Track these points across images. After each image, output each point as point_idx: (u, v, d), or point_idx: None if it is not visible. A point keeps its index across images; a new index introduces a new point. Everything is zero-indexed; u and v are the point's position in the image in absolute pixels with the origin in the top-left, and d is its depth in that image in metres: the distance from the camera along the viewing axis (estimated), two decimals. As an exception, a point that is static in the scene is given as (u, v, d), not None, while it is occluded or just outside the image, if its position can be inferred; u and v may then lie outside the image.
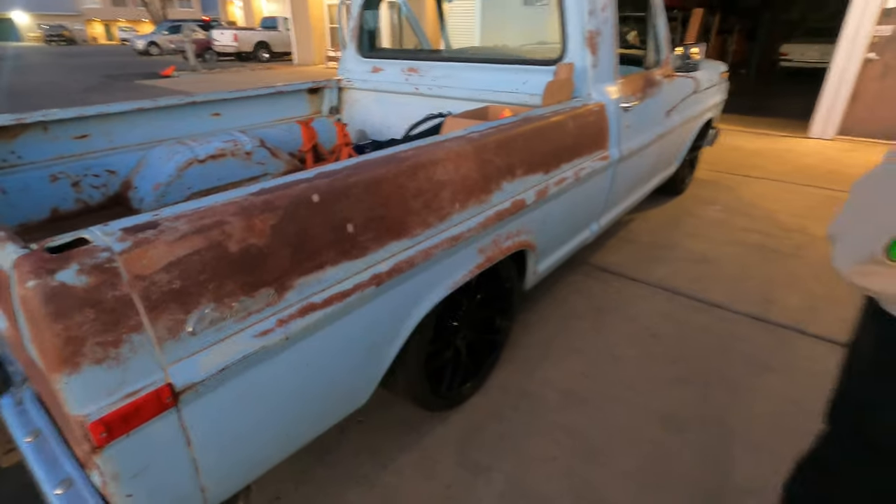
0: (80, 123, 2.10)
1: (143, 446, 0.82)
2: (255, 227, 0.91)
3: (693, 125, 3.24)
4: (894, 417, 0.80)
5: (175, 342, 0.81)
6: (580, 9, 1.99)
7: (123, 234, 0.78)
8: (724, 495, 1.42)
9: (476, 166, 1.40)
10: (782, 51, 11.06)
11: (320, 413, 1.19)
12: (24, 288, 0.68)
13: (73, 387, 0.72)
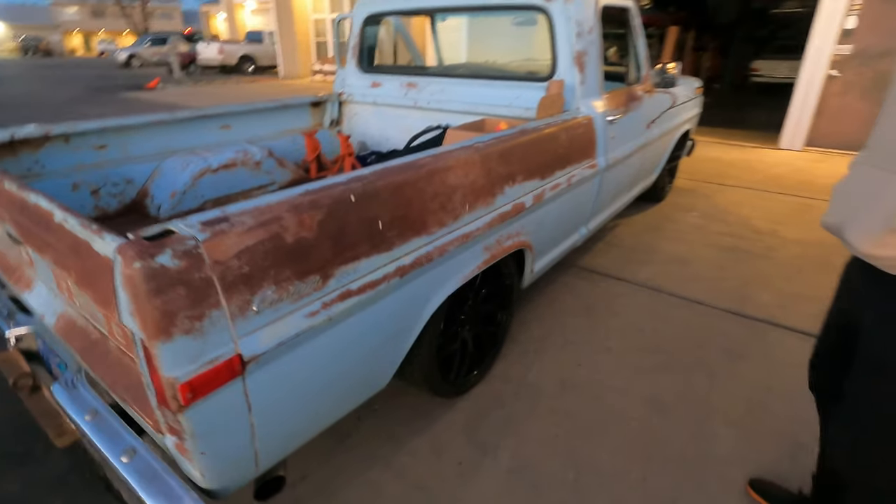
0: (100, 135, 2.22)
1: (216, 409, 0.95)
2: (304, 223, 1.06)
3: (671, 137, 3.48)
4: None
5: (243, 319, 0.95)
6: (569, 32, 2.20)
7: (202, 226, 0.92)
8: (706, 465, 1.59)
9: (483, 172, 1.57)
10: (754, 67, 11.60)
11: (352, 390, 1.33)
12: (130, 269, 0.82)
13: (167, 352, 0.85)
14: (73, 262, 0.99)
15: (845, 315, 1.13)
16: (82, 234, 0.93)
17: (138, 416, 1.10)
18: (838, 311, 1.18)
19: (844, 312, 1.14)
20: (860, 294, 1.06)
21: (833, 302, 1.20)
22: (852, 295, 1.10)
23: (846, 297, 1.14)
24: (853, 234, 0.95)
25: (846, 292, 1.14)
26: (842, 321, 1.14)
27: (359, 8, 2.96)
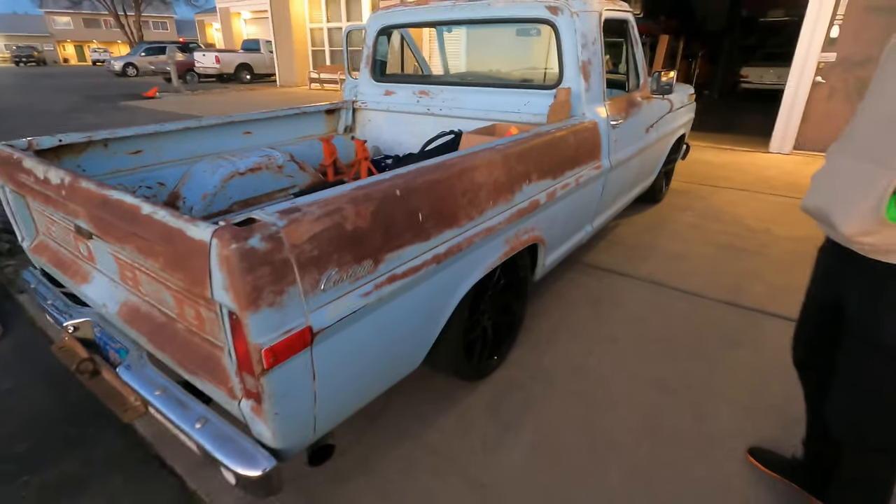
0: (135, 141, 2.35)
1: (290, 374, 1.09)
2: (361, 213, 1.20)
3: (668, 140, 3.66)
4: None
5: (313, 295, 1.10)
6: (575, 43, 2.37)
7: (280, 215, 1.06)
8: (710, 437, 1.75)
9: (504, 172, 1.73)
10: (742, 73, 11.91)
11: (393, 366, 1.47)
12: (227, 250, 0.96)
13: (255, 322, 0.99)
14: (161, 248, 1.12)
15: (825, 296, 1.26)
16: (175, 223, 1.07)
17: (210, 387, 1.24)
18: (817, 294, 1.31)
19: (824, 294, 1.27)
20: (841, 276, 1.18)
21: (810, 285, 1.34)
22: (831, 277, 1.23)
23: (825, 280, 1.27)
24: (840, 218, 1.05)
25: (824, 275, 1.28)
26: (823, 302, 1.28)
27: (372, 21, 3.12)
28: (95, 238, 1.49)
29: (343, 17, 14.38)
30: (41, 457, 1.69)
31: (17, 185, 1.72)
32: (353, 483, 1.57)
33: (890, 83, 1.04)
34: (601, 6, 2.51)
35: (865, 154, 1.04)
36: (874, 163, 1.01)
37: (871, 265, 1.07)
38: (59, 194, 1.49)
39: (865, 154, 1.04)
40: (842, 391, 1.19)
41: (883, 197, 0.97)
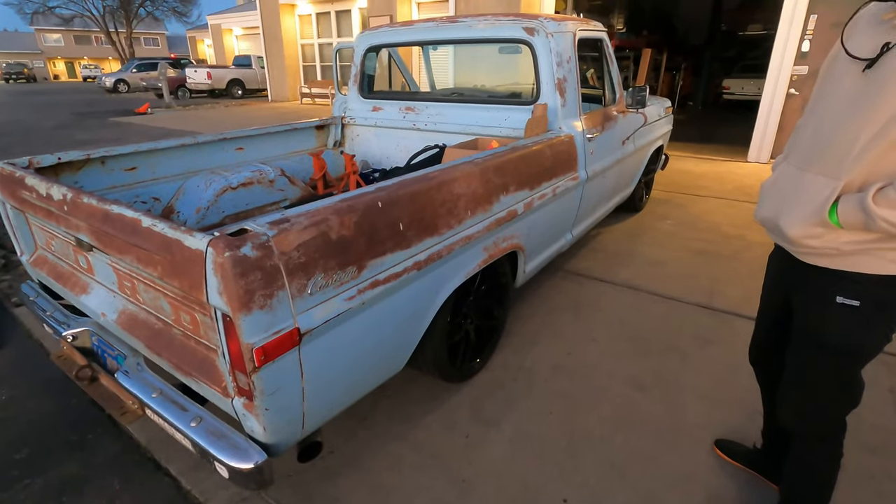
0: (130, 158, 2.45)
1: (279, 372, 1.19)
2: (345, 223, 1.31)
3: (645, 152, 3.81)
4: None
5: (301, 299, 1.19)
6: (550, 62, 2.51)
7: (270, 225, 1.17)
8: (680, 430, 1.85)
9: (482, 184, 1.84)
10: (724, 85, 12.23)
11: (377, 367, 1.57)
12: (222, 257, 1.06)
13: (247, 323, 1.09)
14: (160, 258, 1.22)
15: (776, 299, 1.37)
16: (173, 234, 1.17)
17: (205, 387, 1.33)
18: (769, 297, 1.42)
19: (775, 297, 1.37)
20: (789, 281, 1.27)
21: (763, 290, 1.45)
22: (781, 282, 1.33)
23: (775, 285, 1.38)
24: (787, 224, 1.12)
25: (774, 280, 1.39)
26: (774, 305, 1.39)
27: (360, 40, 3.26)
28: (95, 250, 1.58)
29: (333, 34, 14.61)
30: (42, 462, 1.75)
31: (19, 201, 1.81)
32: (343, 479, 1.66)
33: (828, 98, 1.10)
34: (575, 27, 2.66)
35: (809, 165, 1.10)
36: (818, 173, 1.08)
37: (815, 270, 1.14)
38: (61, 210, 1.58)
39: (809, 165, 1.10)
40: (790, 385, 1.27)
41: (826, 204, 1.04)
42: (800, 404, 1.26)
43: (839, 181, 1.03)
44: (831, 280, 1.11)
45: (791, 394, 1.28)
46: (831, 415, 1.24)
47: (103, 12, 30.45)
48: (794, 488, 1.34)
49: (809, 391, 1.23)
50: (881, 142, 0.97)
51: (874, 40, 0.99)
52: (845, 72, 1.05)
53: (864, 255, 1.05)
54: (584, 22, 2.82)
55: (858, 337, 1.12)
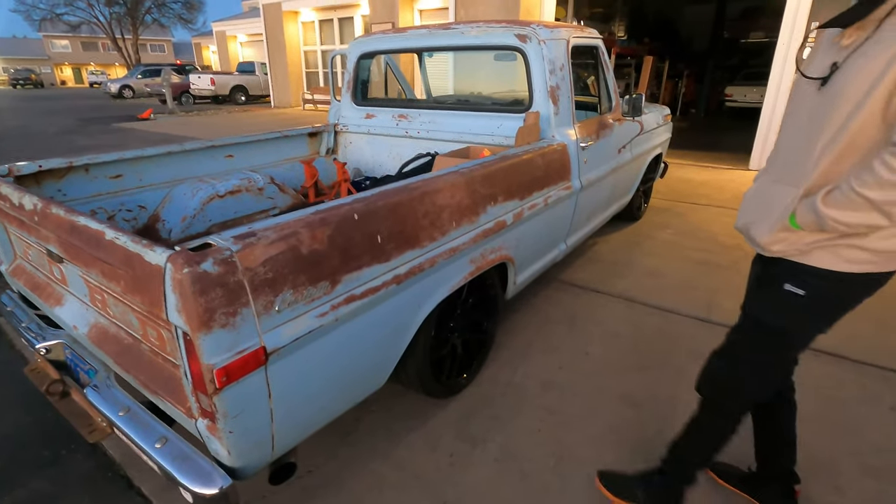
0: (116, 165, 2.41)
1: (244, 394, 1.13)
2: (316, 237, 1.26)
3: (643, 160, 3.75)
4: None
5: (268, 316, 1.14)
6: (542, 69, 2.46)
7: (235, 239, 1.11)
8: (673, 451, 1.78)
9: (467, 194, 1.79)
10: (727, 92, 12.18)
11: (354, 385, 1.51)
12: (180, 274, 1.01)
13: (207, 343, 1.04)
14: (123, 272, 1.17)
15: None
16: (135, 248, 1.12)
17: (170, 407, 1.27)
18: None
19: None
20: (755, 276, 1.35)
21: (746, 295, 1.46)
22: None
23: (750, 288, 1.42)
24: (757, 232, 1.22)
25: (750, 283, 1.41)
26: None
27: (353, 46, 3.23)
28: (67, 262, 1.54)
29: (336, 41, 14.67)
30: (12, 478, 1.70)
31: (-5, 210, 1.76)
32: (319, 501, 1.59)
33: (794, 115, 1.19)
34: (568, 34, 2.62)
35: (780, 177, 1.19)
36: (785, 184, 1.16)
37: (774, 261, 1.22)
38: (32, 220, 1.54)
39: (780, 177, 1.19)
40: (714, 355, 1.39)
41: (787, 210, 1.14)
42: (718, 376, 1.36)
43: (799, 189, 1.13)
44: (786, 271, 1.20)
45: (713, 361, 1.38)
46: (744, 392, 1.33)
47: (110, 19, 30.76)
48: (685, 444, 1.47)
49: (732, 366, 1.33)
50: (832, 151, 1.07)
51: (826, 61, 1.11)
52: (806, 91, 1.15)
53: (821, 251, 1.13)
54: (579, 29, 2.77)
55: (792, 322, 1.21)
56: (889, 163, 0.95)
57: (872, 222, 1.02)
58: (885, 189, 0.96)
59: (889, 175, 0.95)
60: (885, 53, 0.98)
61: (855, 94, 1.02)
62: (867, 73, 1.00)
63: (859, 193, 0.99)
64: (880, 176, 0.96)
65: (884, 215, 1.00)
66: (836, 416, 1.94)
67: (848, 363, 2.28)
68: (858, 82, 1.01)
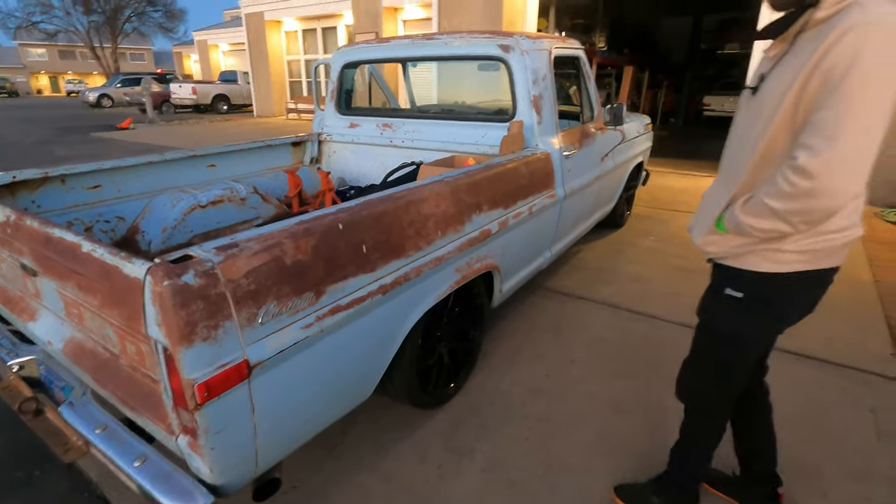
0: (94, 176, 2.36)
1: (226, 409, 1.10)
2: (301, 247, 1.24)
3: (625, 168, 3.81)
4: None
5: (251, 329, 1.12)
6: (526, 79, 2.49)
7: (217, 251, 1.09)
8: (661, 456, 1.78)
9: (453, 203, 1.79)
10: (704, 102, 12.46)
11: (340, 397, 1.48)
12: (160, 286, 0.98)
13: (188, 357, 1.01)
14: (100, 285, 1.14)
15: None
16: (112, 260, 1.09)
17: (150, 424, 1.23)
18: None
19: None
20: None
21: None
22: None
23: None
24: (693, 235, 1.31)
25: None
26: None
27: (337, 56, 3.22)
28: (41, 275, 1.49)
29: (320, 50, 14.66)
30: (-20, 502, 1.63)
31: (-35, 223, 1.71)
32: (304, 517, 1.56)
33: (735, 123, 1.25)
34: (551, 45, 2.66)
35: (723, 181, 1.25)
36: (723, 189, 1.22)
37: (716, 266, 1.30)
38: (4, 232, 1.49)
39: (723, 181, 1.25)
40: (683, 365, 1.46)
41: (716, 214, 1.20)
42: (688, 382, 1.44)
43: (730, 194, 1.18)
44: (725, 275, 1.25)
45: (683, 372, 1.45)
46: (713, 395, 1.39)
47: (88, 27, 30.31)
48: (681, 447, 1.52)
49: (696, 371, 1.41)
50: (754, 159, 1.12)
51: (758, 72, 1.17)
52: (745, 99, 1.21)
53: (751, 255, 1.17)
54: (561, 39, 2.81)
55: (737, 325, 1.25)
56: (788, 177, 0.99)
57: (780, 229, 1.06)
58: (784, 200, 1.01)
59: (788, 188, 0.99)
60: (796, 65, 1.01)
61: (771, 103, 1.07)
62: (781, 84, 1.04)
63: (766, 203, 1.05)
64: (781, 188, 1.01)
65: (787, 224, 1.04)
66: (818, 420, 1.97)
67: (830, 367, 2.32)
68: (774, 92, 1.06)
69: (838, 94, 0.93)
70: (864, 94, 0.91)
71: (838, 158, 0.93)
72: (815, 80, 0.97)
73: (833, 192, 0.96)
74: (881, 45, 0.90)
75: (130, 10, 31.51)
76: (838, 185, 0.95)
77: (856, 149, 0.93)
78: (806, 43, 1.01)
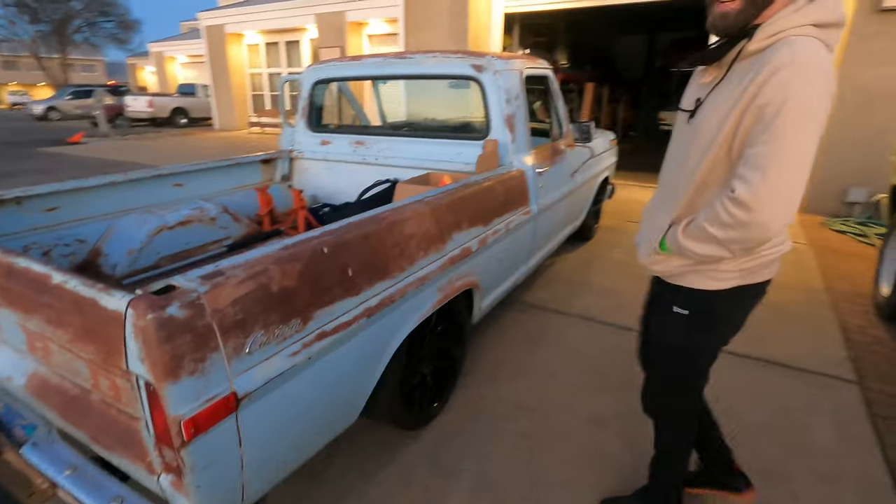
0: (52, 197, 2.24)
1: (212, 444, 1.06)
2: (287, 273, 1.22)
3: (593, 183, 3.92)
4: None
5: (238, 359, 1.08)
6: (499, 98, 2.54)
7: (202, 280, 1.06)
8: (643, 468, 1.82)
9: (433, 222, 1.79)
10: (661, 116, 12.97)
11: (327, 424, 1.45)
12: (143, 320, 0.94)
13: (174, 393, 0.97)
14: (72, 318, 1.08)
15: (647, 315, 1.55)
16: (87, 292, 1.04)
17: (127, 463, 1.17)
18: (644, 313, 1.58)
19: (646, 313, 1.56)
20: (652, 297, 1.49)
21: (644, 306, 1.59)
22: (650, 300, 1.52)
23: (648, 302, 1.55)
24: (639, 253, 1.37)
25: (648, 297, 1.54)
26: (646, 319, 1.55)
27: (308, 73, 3.20)
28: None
29: (283, 63, 14.50)
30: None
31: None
32: (288, 551, 1.50)
33: (672, 144, 1.32)
34: (522, 65, 2.72)
35: (663, 201, 1.31)
36: (665, 210, 1.28)
37: (662, 285, 1.35)
38: (-42, 262, 1.40)
39: (663, 201, 1.31)
40: (649, 385, 1.53)
41: (659, 235, 1.25)
42: (652, 398, 1.52)
43: (671, 216, 1.24)
44: (671, 294, 1.31)
45: (649, 386, 1.53)
46: (681, 406, 1.46)
47: (34, 37, 28.94)
48: (658, 459, 1.57)
49: (657, 386, 1.48)
50: (693, 183, 1.17)
51: (694, 96, 1.22)
52: (681, 122, 1.27)
53: (693, 274, 1.24)
54: (531, 59, 2.89)
55: (689, 339, 1.32)
56: (727, 207, 1.04)
57: (719, 254, 1.13)
58: (724, 230, 1.07)
59: (727, 218, 1.05)
60: (730, 99, 1.06)
61: (708, 131, 1.11)
62: (718, 113, 1.09)
63: (706, 230, 1.10)
64: (720, 217, 1.06)
65: (726, 250, 1.11)
66: (784, 424, 2.07)
67: (792, 371, 2.44)
68: (711, 120, 1.11)
69: (770, 133, 0.99)
70: (794, 134, 0.97)
71: (771, 192, 0.99)
72: (750, 114, 1.03)
73: (767, 223, 1.01)
74: (807, 85, 0.96)
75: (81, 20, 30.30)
76: (771, 216, 1.01)
77: (787, 184, 0.99)
78: (740, 72, 1.07)
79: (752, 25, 1.06)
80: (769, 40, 1.02)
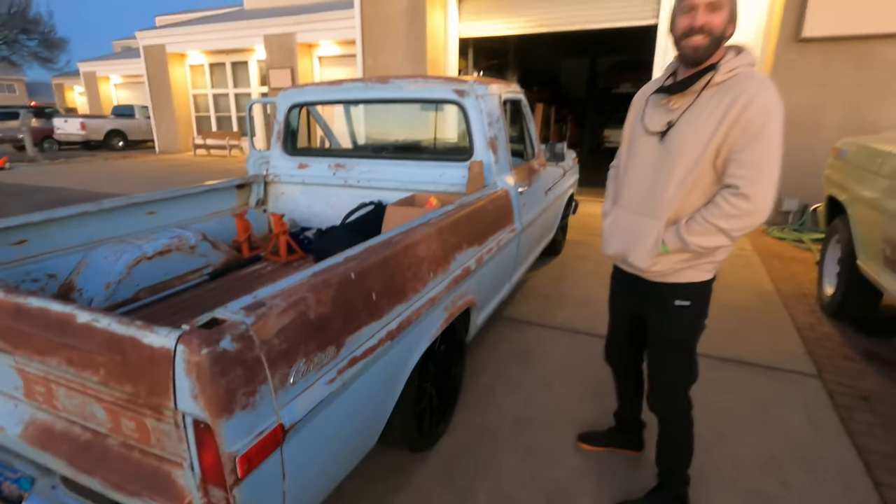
0: (19, 231, 2.11)
1: (261, 480, 1.03)
2: (321, 300, 1.21)
3: (563, 199, 4.09)
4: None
5: (284, 390, 1.07)
6: (482, 121, 2.63)
7: (246, 311, 1.04)
8: (647, 469, 1.91)
9: (439, 244, 1.83)
10: (605, 135, 13.69)
11: (354, 451, 1.44)
12: (197, 355, 0.91)
13: (229, 428, 0.94)
14: (104, 359, 1.03)
15: (628, 313, 1.73)
16: (125, 330, 0.99)
17: (156, 508, 1.11)
18: (620, 312, 1.77)
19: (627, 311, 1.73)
20: (638, 297, 1.61)
21: (613, 304, 1.80)
22: (630, 299, 1.67)
23: (625, 300, 1.72)
24: (635, 258, 1.49)
25: (624, 296, 1.72)
26: (627, 317, 1.74)
27: (284, 97, 3.17)
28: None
29: (230, 84, 14.14)
30: None
31: None
32: (314, 587, 1.45)
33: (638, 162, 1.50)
34: (500, 89, 2.84)
35: (639, 211, 1.49)
36: (647, 217, 1.45)
37: (659, 285, 1.51)
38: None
39: (639, 211, 1.49)
40: (653, 379, 1.64)
41: (658, 240, 1.43)
42: (660, 395, 1.63)
43: (661, 221, 1.43)
44: (670, 290, 1.50)
45: (656, 386, 1.63)
46: (682, 396, 1.61)
47: (-57, 55, 26.63)
48: (667, 458, 1.68)
49: (667, 379, 1.60)
50: (683, 190, 1.38)
51: (661, 119, 1.43)
52: (646, 143, 1.47)
53: (690, 270, 1.46)
54: (507, 84, 3.01)
55: (691, 328, 1.52)
56: (731, 201, 1.30)
57: (720, 243, 1.36)
58: (730, 220, 1.31)
59: (732, 210, 1.30)
60: (710, 120, 1.31)
61: (693, 151, 1.34)
62: (699, 135, 1.33)
63: (711, 223, 1.33)
64: (726, 210, 1.31)
65: (730, 238, 1.35)
66: (764, 418, 2.23)
67: (762, 370, 2.63)
68: (694, 142, 1.34)
69: (759, 140, 1.26)
70: (775, 141, 1.26)
71: (766, 184, 1.27)
72: (736, 130, 1.28)
73: (764, 209, 1.28)
74: (778, 104, 1.26)
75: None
76: (766, 203, 1.28)
77: (774, 178, 1.28)
78: (709, 98, 1.32)
79: (712, 63, 1.33)
80: (729, 74, 1.31)
